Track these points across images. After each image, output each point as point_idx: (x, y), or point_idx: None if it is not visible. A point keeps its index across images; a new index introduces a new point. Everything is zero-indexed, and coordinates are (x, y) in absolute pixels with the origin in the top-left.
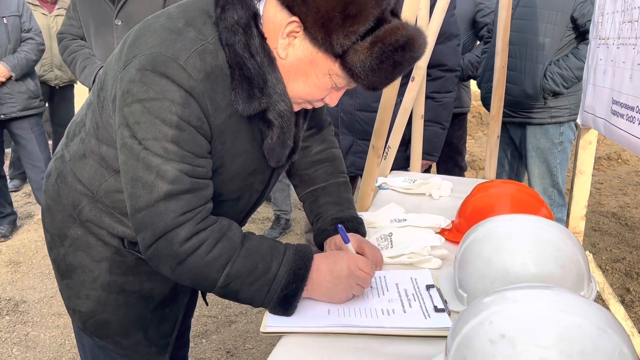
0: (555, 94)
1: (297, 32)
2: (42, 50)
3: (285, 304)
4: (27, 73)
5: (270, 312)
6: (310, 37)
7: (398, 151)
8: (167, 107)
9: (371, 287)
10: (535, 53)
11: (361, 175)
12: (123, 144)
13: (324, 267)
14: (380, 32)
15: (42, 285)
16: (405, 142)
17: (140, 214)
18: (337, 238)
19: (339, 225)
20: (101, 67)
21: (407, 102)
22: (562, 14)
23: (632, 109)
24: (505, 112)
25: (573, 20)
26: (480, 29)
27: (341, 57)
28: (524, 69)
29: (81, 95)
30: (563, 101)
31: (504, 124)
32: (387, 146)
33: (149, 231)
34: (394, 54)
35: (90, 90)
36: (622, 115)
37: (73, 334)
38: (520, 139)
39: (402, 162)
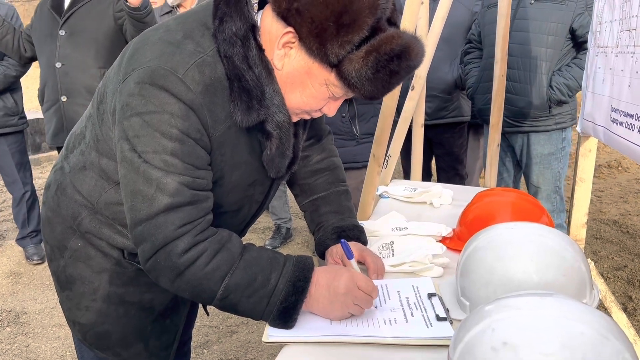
0: (560, 103)
1: (293, 42)
2: (26, 66)
3: (285, 317)
4: (6, 89)
5: (270, 325)
6: (305, 48)
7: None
8: (166, 120)
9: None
10: (538, 64)
11: None
12: (123, 158)
13: (323, 281)
14: (376, 41)
15: (43, 296)
16: None
17: (140, 227)
18: (337, 247)
19: (342, 240)
20: None
21: (407, 110)
22: (562, 25)
23: (631, 116)
24: (509, 123)
25: (572, 31)
26: None
27: (337, 67)
28: (528, 80)
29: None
30: (565, 107)
31: (503, 134)
32: (387, 155)
33: (148, 243)
34: (390, 62)
35: None
36: (621, 123)
37: (74, 346)
38: (522, 147)
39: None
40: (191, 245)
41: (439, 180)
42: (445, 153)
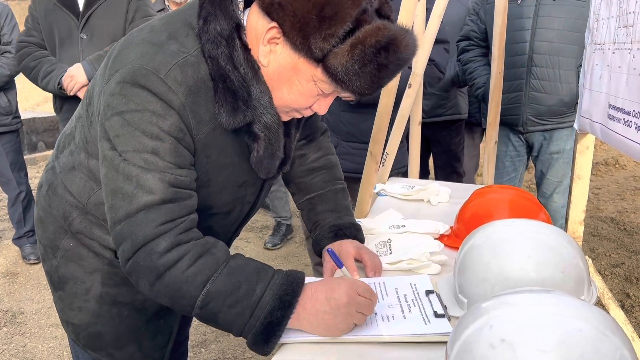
0: None
1: (278, 38)
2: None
3: (269, 333)
4: (0, 88)
5: (250, 344)
6: (290, 43)
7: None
8: (147, 119)
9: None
10: (566, 61)
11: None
12: (104, 157)
13: (320, 295)
14: (360, 33)
15: (39, 296)
16: None
17: (119, 226)
18: (334, 246)
19: (329, 249)
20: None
21: (404, 108)
22: (584, 22)
23: (628, 113)
24: (535, 121)
25: None
26: None
27: (322, 62)
28: (558, 78)
29: None
30: None
31: (522, 133)
32: (385, 152)
33: (128, 242)
34: (377, 55)
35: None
36: (618, 120)
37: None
38: (541, 144)
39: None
40: (173, 245)
41: (437, 178)
42: (442, 151)
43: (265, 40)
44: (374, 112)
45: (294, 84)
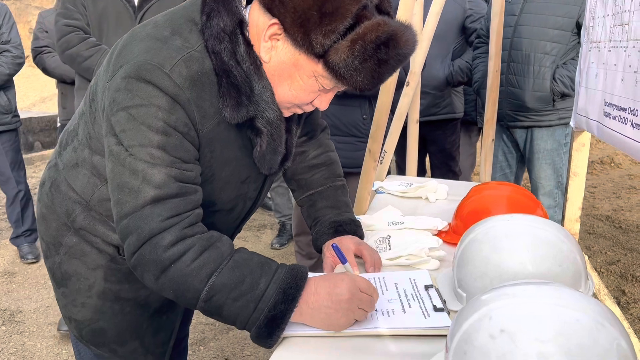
0: (564, 96)
1: (279, 34)
2: (20, 64)
3: (272, 327)
4: (0, 87)
5: (254, 337)
6: (291, 39)
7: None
8: (152, 113)
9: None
10: (543, 58)
11: None
12: (110, 152)
13: (323, 290)
14: (360, 29)
15: (38, 295)
16: None
17: (125, 220)
18: (335, 241)
19: (334, 245)
20: None
21: (402, 106)
22: (569, 19)
23: (624, 110)
24: (513, 117)
25: (578, 25)
26: (470, 35)
27: (323, 58)
28: (532, 74)
29: None
30: (569, 102)
31: (507, 128)
32: (383, 150)
33: (134, 236)
34: (377, 51)
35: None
36: (614, 117)
37: (69, 344)
38: (525, 141)
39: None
40: (178, 239)
41: (433, 176)
42: (438, 150)
43: (266, 37)
44: (359, 104)
45: (295, 79)
